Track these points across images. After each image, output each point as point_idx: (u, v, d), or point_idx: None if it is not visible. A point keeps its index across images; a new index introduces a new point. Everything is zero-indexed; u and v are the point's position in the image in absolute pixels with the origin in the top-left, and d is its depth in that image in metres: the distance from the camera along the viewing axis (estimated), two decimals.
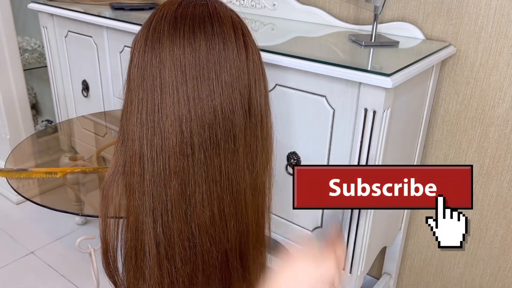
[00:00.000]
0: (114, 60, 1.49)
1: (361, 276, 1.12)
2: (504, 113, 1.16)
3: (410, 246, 1.45)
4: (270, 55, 1.01)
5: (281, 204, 1.19)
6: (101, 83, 1.58)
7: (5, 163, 1.24)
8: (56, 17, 1.63)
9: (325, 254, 0.57)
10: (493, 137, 1.20)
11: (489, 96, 1.17)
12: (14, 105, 2.04)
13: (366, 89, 0.92)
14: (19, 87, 2.04)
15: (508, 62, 1.12)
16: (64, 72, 1.72)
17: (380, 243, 1.22)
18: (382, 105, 0.91)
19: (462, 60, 1.19)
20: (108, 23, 1.40)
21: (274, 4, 1.46)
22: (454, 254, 1.37)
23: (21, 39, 2.28)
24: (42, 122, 2.56)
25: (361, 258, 1.07)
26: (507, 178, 1.21)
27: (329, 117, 1.01)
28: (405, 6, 1.24)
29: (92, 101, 1.66)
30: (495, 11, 1.11)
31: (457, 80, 1.21)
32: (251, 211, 0.63)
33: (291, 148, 1.10)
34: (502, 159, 1.20)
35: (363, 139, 0.96)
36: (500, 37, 1.12)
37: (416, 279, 1.48)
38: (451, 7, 1.16)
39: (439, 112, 1.26)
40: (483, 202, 1.27)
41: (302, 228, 1.17)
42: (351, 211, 1.03)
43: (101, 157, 1.32)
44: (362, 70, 0.91)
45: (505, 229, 1.25)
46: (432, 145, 1.30)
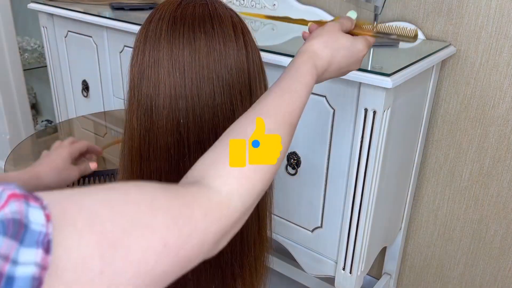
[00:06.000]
0: (114, 60, 1.49)
1: (361, 276, 1.12)
2: (505, 113, 1.16)
3: (410, 246, 1.45)
4: (270, 55, 1.01)
5: (281, 204, 1.19)
6: (101, 83, 1.58)
7: (5, 163, 1.24)
8: (56, 17, 1.63)
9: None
10: (493, 137, 1.19)
11: (489, 96, 1.17)
12: (14, 105, 2.05)
13: (366, 89, 0.92)
14: (19, 87, 2.04)
15: (508, 62, 1.12)
16: (64, 72, 1.72)
17: (380, 243, 1.22)
18: (382, 105, 0.91)
19: (462, 60, 1.18)
20: (108, 23, 1.40)
21: (274, 4, 1.46)
22: (455, 254, 1.37)
23: (21, 39, 2.28)
24: (42, 122, 2.56)
25: (361, 258, 1.07)
26: (507, 178, 1.21)
27: (329, 117, 1.01)
28: (405, 6, 1.24)
29: (92, 101, 1.66)
30: (495, 11, 1.11)
31: (457, 80, 1.21)
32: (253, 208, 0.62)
33: (291, 148, 1.10)
34: (502, 159, 1.20)
35: (363, 139, 0.96)
36: (500, 37, 1.12)
37: (416, 279, 1.48)
38: (451, 7, 1.16)
39: (439, 112, 1.26)
40: (483, 202, 1.27)
41: (302, 228, 1.17)
42: (351, 212, 1.03)
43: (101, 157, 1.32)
44: (362, 70, 0.91)
45: (505, 229, 1.25)
46: (432, 145, 1.30)
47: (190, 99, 0.55)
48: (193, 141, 0.56)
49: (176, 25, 0.56)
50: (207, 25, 0.56)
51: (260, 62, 0.62)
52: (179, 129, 0.56)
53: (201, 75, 0.55)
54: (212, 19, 0.57)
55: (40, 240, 0.26)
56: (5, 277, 0.24)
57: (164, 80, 0.55)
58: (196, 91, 0.55)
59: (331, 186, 1.07)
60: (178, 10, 0.57)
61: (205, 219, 0.37)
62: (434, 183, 1.34)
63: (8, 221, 0.25)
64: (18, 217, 0.26)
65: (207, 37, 0.56)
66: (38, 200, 0.28)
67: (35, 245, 0.26)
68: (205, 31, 0.56)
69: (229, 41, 0.57)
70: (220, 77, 0.56)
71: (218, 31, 0.56)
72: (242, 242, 0.62)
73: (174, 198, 0.36)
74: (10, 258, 0.25)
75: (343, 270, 1.11)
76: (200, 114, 0.56)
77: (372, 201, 1.01)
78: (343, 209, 1.06)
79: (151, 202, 0.35)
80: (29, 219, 0.26)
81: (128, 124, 0.59)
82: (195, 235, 0.36)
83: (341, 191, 1.05)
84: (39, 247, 0.26)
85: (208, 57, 0.55)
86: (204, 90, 0.55)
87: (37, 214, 0.27)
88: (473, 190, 1.27)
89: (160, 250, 0.33)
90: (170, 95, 0.55)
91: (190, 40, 0.55)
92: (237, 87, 0.57)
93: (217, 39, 0.56)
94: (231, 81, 0.56)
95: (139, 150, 0.58)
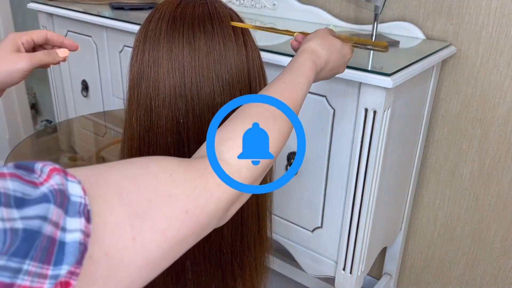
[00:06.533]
0: (114, 60, 1.49)
1: (361, 277, 1.12)
2: (505, 113, 1.16)
3: (410, 246, 1.45)
4: (270, 55, 1.01)
5: (281, 204, 1.19)
6: (101, 83, 1.57)
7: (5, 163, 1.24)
8: (56, 16, 1.63)
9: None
10: (493, 137, 1.19)
11: (490, 96, 1.17)
12: (13, 105, 2.04)
13: (367, 89, 0.92)
14: (18, 87, 2.04)
15: (508, 62, 1.12)
16: (64, 72, 1.72)
17: (380, 243, 1.22)
18: (383, 105, 0.91)
19: (463, 60, 1.18)
20: (107, 23, 1.40)
21: (274, 4, 1.45)
22: (455, 255, 1.37)
23: None
24: (42, 122, 2.56)
25: (361, 258, 1.07)
26: (508, 179, 1.20)
27: (329, 117, 1.01)
28: (405, 5, 1.23)
29: (91, 101, 1.66)
30: (495, 11, 1.10)
31: (457, 80, 1.21)
32: (253, 209, 0.62)
33: (291, 148, 1.09)
34: (502, 159, 1.20)
35: (364, 139, 0.96)
36: (500, 37, 1.11)
37: (417, 280, 1.48)
38: (452, 7, 1.16)
39: (439, 112, 1.26)
40: (483, 202, 1.26)
41: (302, 228, 1.16)
42: (352, 212, 1.03)
43: (100, 157, 1.32)
44: (362, 70, 0.91)
45: (506, 229, 1.25)
46: (433, 145, 1.30)
47: (189, 99, 0.55)
48: (193, 141, 0.56)
49: (176, 25, 0.55)
50: (206, 25, 0.56)
51: (260, 61, 0.61)
52: (178, 129, 0.56)
53: (200, 75, 0.55)
54: (212, 19, 0.56)
55: (81, 210, 0.29)
56: (58, 242, 0.27)
57: (164, 80, 0.55)
58: (195, 91, 0.55)
59: (331, 186, 1.06)
60: (177, 10, 0.57)
61: (218, 189, 0.41)
62: (434, 183, 1.34)
63: (55, 191, 0.28)
64: (62, 188, 0.28)
65: (207, 37, 0.55)
66: (73, 176, 0.30)
67: (77, 214, 0.29)
68: (204, 31, 0.55)
69: (228, 40, 0.56)
70: (219, 77, 0.56)
71: (217, 30, 0.56)
72: (242, 242, 0.62)
73: (189, 171, 0.40)
74: (60, 225, 0.27)
75: (343, 270, 1.11)
76: (200, 114, 0.55)
77: (372, 201, 1.01)
78: (343, 209, 1.06)
79: (170, 174, 0.38)
80: (69, 192, 0.29)
81: (128, 124, 0.59)
82: (210, 202, 0.40)
83: (341, 191, 1.05)
84: (81, 216, 0.29)
85: (207, 57, 0.55)
86: (203, 90, 0.55)
87: (76, 188, 0.29)
88: (474, 190, 1.27)
89: (182, 218, 0.37)
90: (170, 95, 0.55)
91: (189, 40, 0.55)
92: (237, 87, 0.57)
93: (217, 39, 0.56)
94: (230, 81, 0.56)
95: (139, 150, 0.58)
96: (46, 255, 0.26)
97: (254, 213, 0.63)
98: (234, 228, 0.61)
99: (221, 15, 0.58)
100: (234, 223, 0.60)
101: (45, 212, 0.27)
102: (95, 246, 0.30)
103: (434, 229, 1.38)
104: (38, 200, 0.27)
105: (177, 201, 0.37)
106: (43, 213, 0.26)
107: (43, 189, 0.27)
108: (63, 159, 1.40)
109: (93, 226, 0.30)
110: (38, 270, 0.26)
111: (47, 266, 0.26)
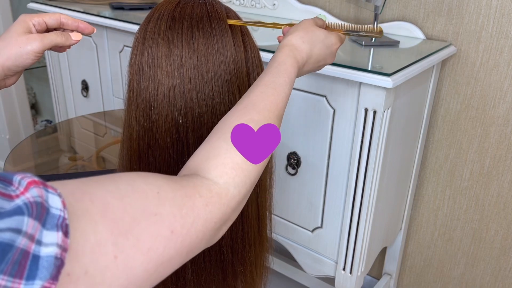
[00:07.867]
0: (114, 60, 1.49)
1: (361, 277, 1.12)
2: (505, 113, 1.15)
3: (410, 246, 1.45)
4: (270, 55, 1.01)
5: (281, 204, 1.19)
6: (101, 83, 1.57)
7: (5, 163, 1.24)
8: None
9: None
10: (493, 137, 1.19)
11: (490, 96, 1.17)
12: (13, 105, 2.04)
13: (367, 89, 0.92)
14: (18, 87, 2.04)
15: (508, 62, 1.12)
16: (64, 72, 1.72)
17: (380, 244, 1.22)
18: (383, 105, 0.91)
19: (463, 60, 1.18)
20: (107, 22, 1.40)
21: (274, 4, 1.45)
22: (455, 255, 1.37)
23: None
24: (42, 122, 2.56)
25: (361, 259, 1.07)
26: (508, 178, 1.20)
27: (329, 117, 1.01)
28: (405, 5, 1.23)
29: (91, 101, 1.66)
30: (495, 11, 1.10)
31: (457, 80, 1.21)
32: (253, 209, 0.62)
33: (291, 148, 1.09)
34: (502, 159, 1.20)
35: (364, 139, 0.95)
36: (500, 37, 1.11)
37: (417, 280, 1.48)
38: (452, 7, 1.16)
39: (439, 112, 1.26)
40: (483, 202, 1.26)
41: (302, 228, 1.16)
42: (352, 212, 1.03)
43: (100, 157, 1.32)
44: (362, 70, 0.91)
45: (506, 229, 1.25)
46: (433, 145, 1.30)
47: (189, 99, 0.55)
48: (192, 141, 0.56)
49: (175, 25, 0.55)
50: (205, 25, 0.56)
51: (259, 60, 0.61)
52: (178, 129, 0.56)
53: (200, 75, 0.55)
54: (210, 19, 0.56)
55: (59, 223, 0.28)
56: (32, 255, 0.26)
57: (163, 80, 0.55)
58: (195, 91, 0.55)
59: (331, 186, 1.06)
60: (176, 10, 0.56)
61: (206, 209, 0.40)
62: (434, 183, 1.34)
63: (31, 204, 0.27)
64: (40, 200, 0.27)
65: (205, 36, 0.55)
66: (54, 189, 0.29)
67: (55, 228, 0.27)
68: (203, 31, 0.55)
69: (226, 37, 0.57)
70: (218, 76, 0.56)
71: (216, 30, 0.56)
72: (242, 241, 0.62)
73: (177, 189, 0.39)
74: (35, 238, 0.26)
75: (343, 270, 1.11)
76: (199, 114, 0.55)
77: (372, 201, 1.01)
78: (343, 209, 1.06)
79: (157, 192, 0.37)
80: (49, 204, 0.28)
81: (127, 124, 0.59)
82: (197, 223, 0.38)
83: (341, 191, 1.05)
84: (59, 230, 0.28)
85: (206, 56, 0.55)
86: (203, 90, 0.55)
87: (55, 200, 0.28)
88: (474, 190, 1.27)
89: (168, 237, 0.35)
90: (169, 95, 0.55)
91: (188, 40, 0.55)
92: (235, 84, 0.57)
93: (215, 38, 0.56)
94: (229, 78, 0.56)
95: (138, 151, 0.58)
96: (18, 268, 0.25)
97: (254, 213, 0.63)
98: (234, 228, 0.61)
99: (219, 13, 0.58)
100: (234, 223, 0.60)
101: (19, 225, 0.26)
102: (74, 263, 0.29)
103: (434, 229, 1.38)
104: (11, 212, 0.26)
105: (163, 220, 0.35)
106: (16, 225, 0.25)
107: (17, 201, 0.26)
108: (63, 159, 1.40)
109: (72, 242, 0.29)
110: (9, 284, 0.24)
111: (18, 280, 0.25)
